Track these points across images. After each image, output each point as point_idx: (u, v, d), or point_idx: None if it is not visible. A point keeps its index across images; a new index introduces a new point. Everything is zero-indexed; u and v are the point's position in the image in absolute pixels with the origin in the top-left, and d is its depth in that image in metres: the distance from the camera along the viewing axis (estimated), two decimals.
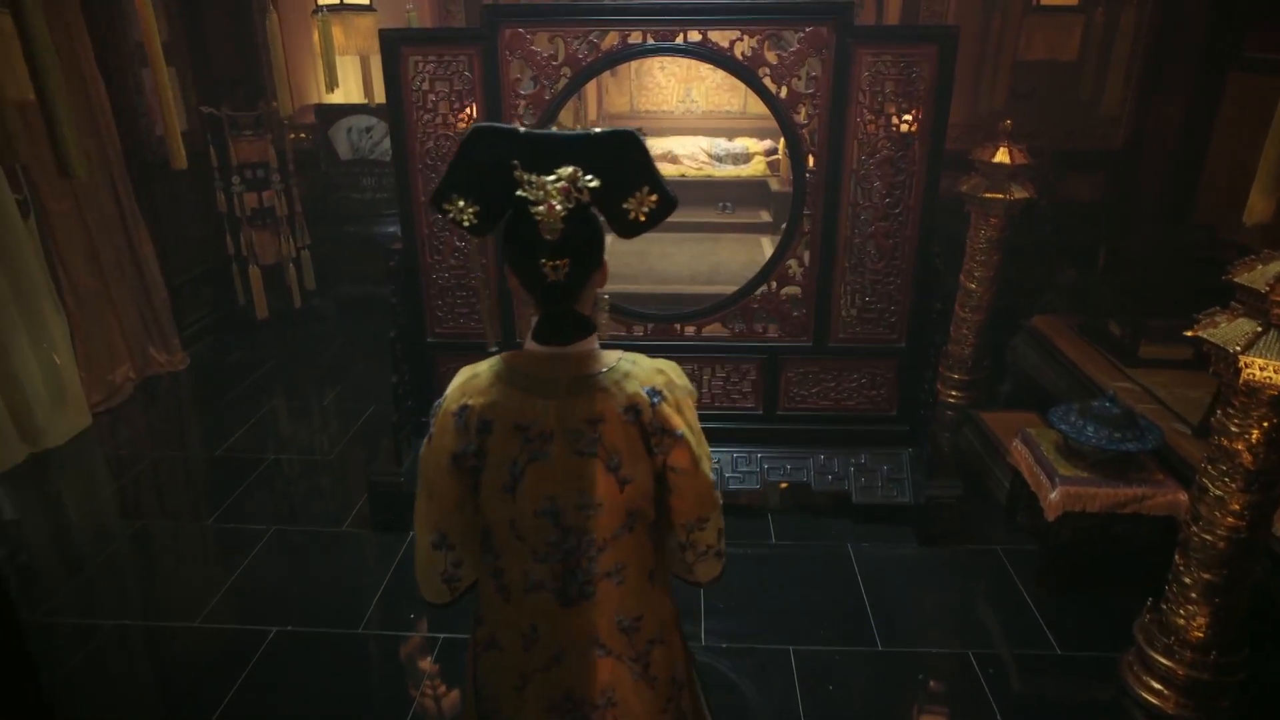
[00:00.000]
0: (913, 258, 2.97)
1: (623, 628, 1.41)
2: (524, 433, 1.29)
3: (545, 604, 1.36)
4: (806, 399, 3.21)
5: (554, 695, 1.41)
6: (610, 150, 1.25)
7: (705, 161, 7.72)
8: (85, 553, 3.12)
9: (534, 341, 1.32)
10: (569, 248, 1.21)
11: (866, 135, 2.82)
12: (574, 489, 1.31)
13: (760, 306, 3.08)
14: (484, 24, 2.75)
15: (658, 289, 5.78)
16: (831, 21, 2.69)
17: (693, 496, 1.40)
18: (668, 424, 1.31)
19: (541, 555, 1.34)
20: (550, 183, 1.18)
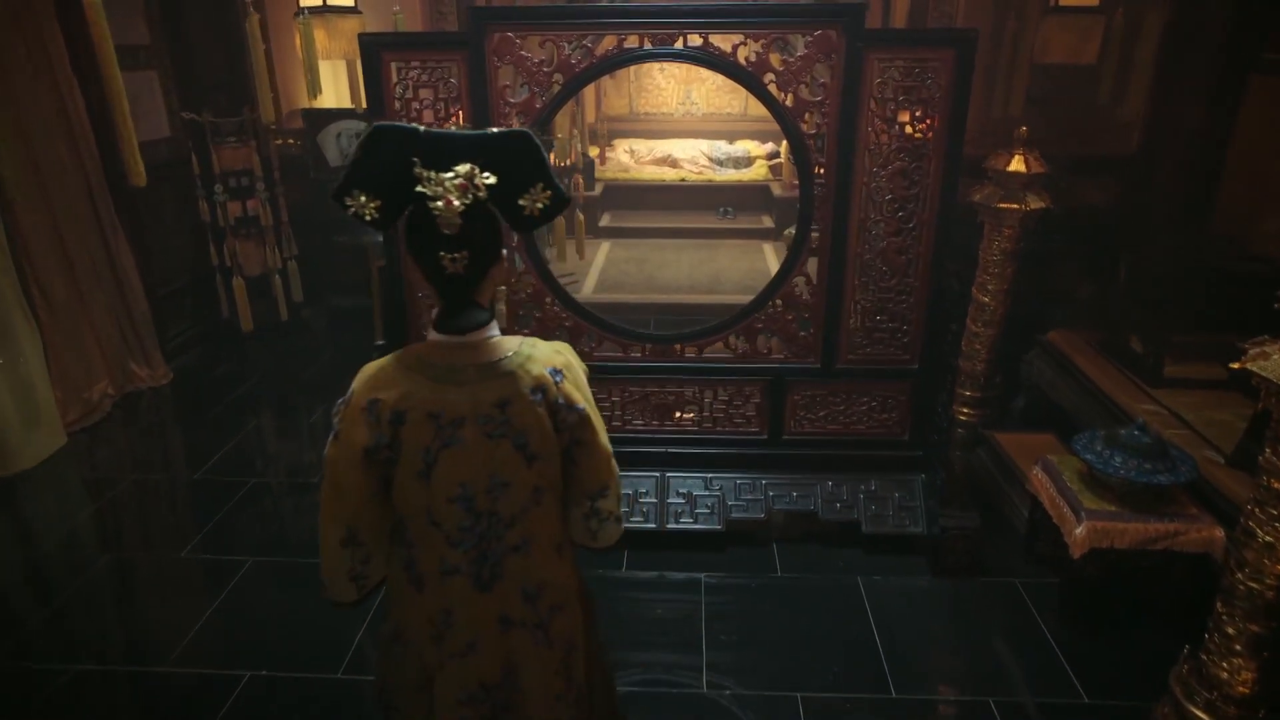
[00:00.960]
0: (927, 275, 2.80)
1: (527, 596, 1.47)
2: (436, 420, 1.34)
3: (461, 588, 1.42)
4: (813, 423, 3.04)
5: (469, 685, 1.46)
6: (507, 149, 1.32)
7: (706, 165, 7.55)
8: (51, 588, 2.95)
9: (437, 332, 1.37)
10: (467, 241, 1.29)
11: (878, 145, 2.65)
12: (485, 472, 1.38)
13: (765, 326, 2.91)
14: (470, 28, 2.58)
15: (656, 298, 5.62)
16: (841, 24, 2.52)
17: (594, 466, 1.49)
18: (571, 400, 1.41)
19: (455, 540, 1.40)
20: (449, 179, 1.25)
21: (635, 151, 7.78)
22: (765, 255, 6.62)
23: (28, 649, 2.63)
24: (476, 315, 1.37)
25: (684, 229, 7.03)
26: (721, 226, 7.07)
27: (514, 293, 2.89)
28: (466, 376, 1.36)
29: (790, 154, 2.67)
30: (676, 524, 3.02)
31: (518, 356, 1.40)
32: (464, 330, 1.36)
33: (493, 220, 1.35)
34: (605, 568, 2.97)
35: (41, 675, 2.50)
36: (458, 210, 1.26)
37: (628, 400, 3.05)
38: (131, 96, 4.42)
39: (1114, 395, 3.24)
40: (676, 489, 3.08)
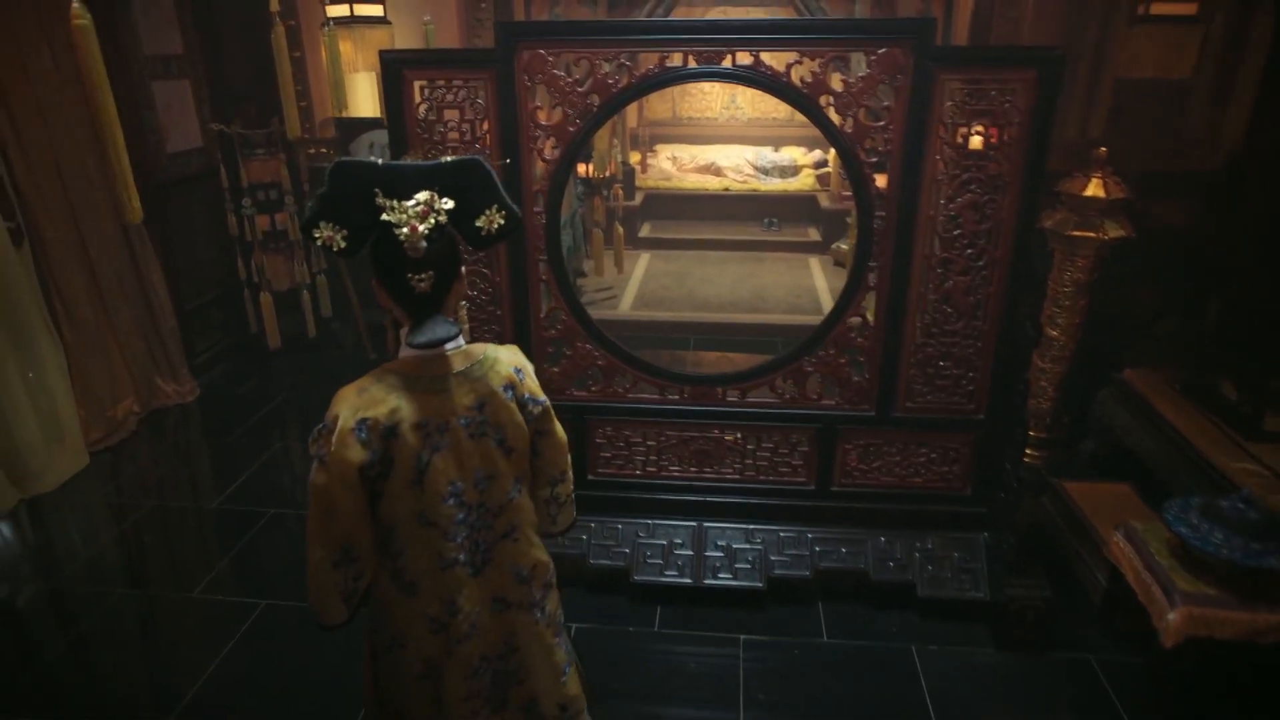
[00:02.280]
0: (997, 318, 2.53)
1: (521, 578, 1.62)
2: (424, 429, 1.45)
3: (460, 577, 1.54)
4: (866, 474, 2.79)
5: (473, 661, 1.58)
6: (460, 176, 1.45)
7: (750, 174, 7.28)
8: (51, 632, 2.83)
9: (412, 347, 1.46)
10: (431, 263, 1.40)
11: (947, 175, 2.39)
12: (472, 469, 1.51)
13: (815, 370, 2.66)
14: (499, 44, 2.37)
15: (697, 317, 5.38)
16: (909, 42, 2.25)
17: (555, 454, 1.66)
18: (535, 394, 1.58)
19: (452, 534, 1.51)
20: (411, 207, 1.38)
21: (678, 159, 7.54)
22: (811, 270, 6.33)
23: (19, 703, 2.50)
24: (447, 328, 1.46)
25: (727, 241, 6.78)
26: (766, 239, 6.80)
27: (544, 329, 2.68)
28: (445, 384, 1.48)
29: (850, 184, 2.41)
30: (714, 579, 2.78)
31: (486, 361, 1.53)
32: (439, 343, 1.45)
33: (453, 242, 1.47)
34: (637, 624, 2.76)
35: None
36: (422, 235, 1.37)
37: (664, 445, 2.82)
38: (163, 106, 4.37)
39: (1203, 448, 2.92)
40: (715, 541, 2.84)
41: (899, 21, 2.25)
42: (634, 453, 2.85)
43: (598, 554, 2.84)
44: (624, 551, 2.84)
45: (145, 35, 4.21)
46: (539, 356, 2.72)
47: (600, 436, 2.83)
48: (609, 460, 2.86)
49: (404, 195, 1.40)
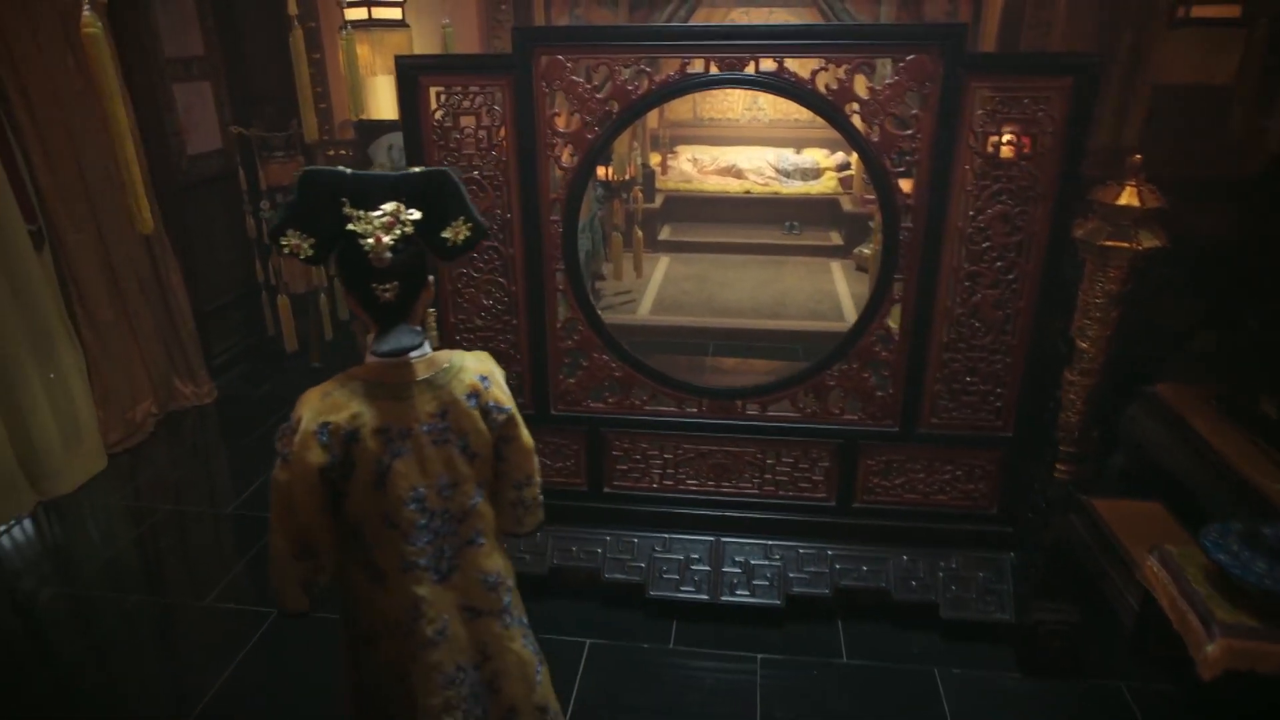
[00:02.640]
0: (1027, 333, 2.44)
1: (489, 585, 1.62)
2: (385, 434, 1.46)
3: (424, 581, 1.53)
4: (888, 491, 2.71)
5: (448, 668, 1.56)
6: (428, 187, 1.46)
7: (772, 176, 7.19)
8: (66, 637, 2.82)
9: (376, 355, 1.45)
10: (397, 273, 1.41)
11: (976, 186, 2.31)
12: (435, 475, 1.52)
13: (838, 384, 2.59)
14: (516, 50, 2.33)
15: (716, 322, 5.30)
16: (939, 48, 2.18)
17: (521, 459, 1.65)
18: (499, 402, 1.58)
19: (413, 538, 1.51)
20: (377, 218, 1.39)
21: (698, 161, 7.47)
22: (833, 275, 6.24)
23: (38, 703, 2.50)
24: (411, 337, 1.47)
25: (748, 244, 6.69)
26: (787, 243, 6.71)
27: (560, 339, 2.64)
28: (408, 392, 1.49)
29: (876, 195, 2.34)
30: (731, 596, 2.72)
31: (451, 369, 1.55)
32: (402, 351, 1.46)
33: (419, 252, 1.47)
34: (652, 640, 2.71)
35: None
36: (388, 246, 1.38)
37: (681, 459, 2.77)
38: (184, 108, 4.37)
39: (1241, 468, 2.82)
40: (732, 556, 2.78)
41: (929, 27, 2.18)
42: (651, 466, 2.79)
43: (613, 568, 2.79)
44: (639, 566, 2.79)
45: (166, 37, 4.22)
46: (555, 367, 2.68)
47: (617, 449, 2.78)
48: (625, 473, 2.81)
49: (371, 205, 1.41)
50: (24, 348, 3.43)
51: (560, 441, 2.79)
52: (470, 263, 2.57)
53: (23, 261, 3.42)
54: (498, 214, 2.50)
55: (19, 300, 3.41)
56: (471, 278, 2.59)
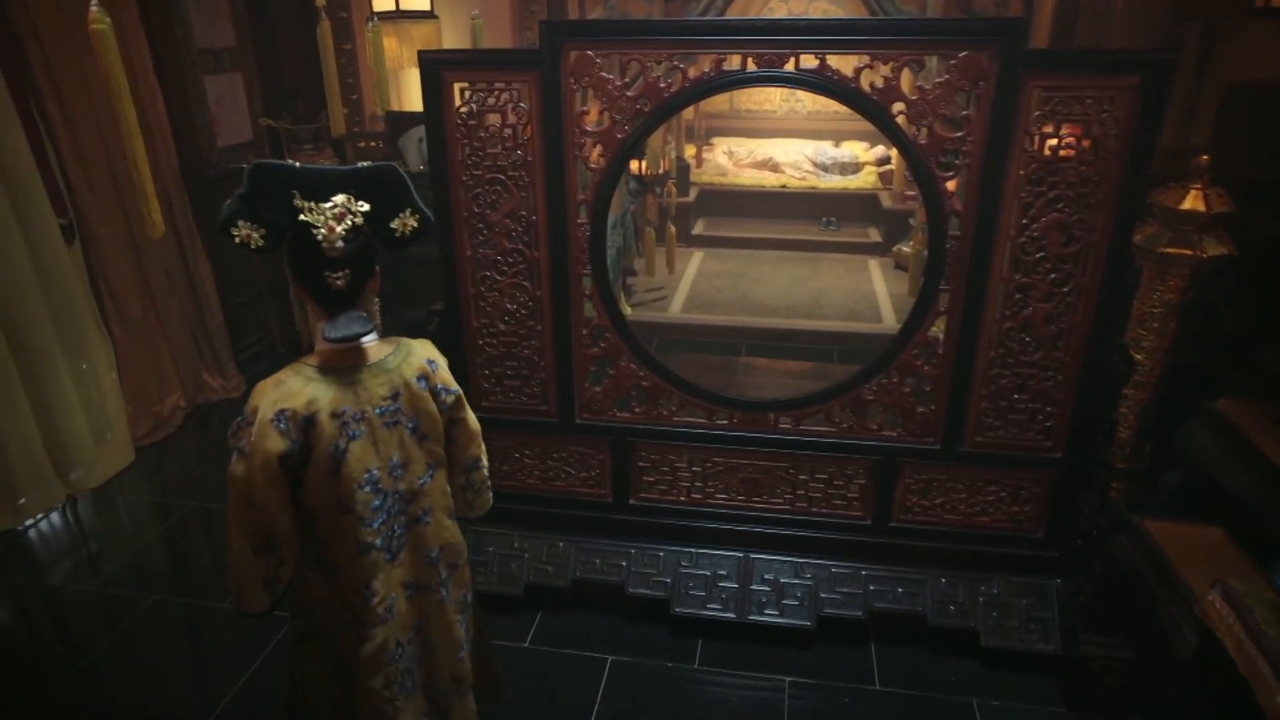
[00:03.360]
0: (1082, 349, 2.29)
1: (430, 560, 1.67)
2: (340, 418, 1.50)
3: (376, 562, 1.58)
4: (927, 510, 2.58)
5: (389, 646, 1.61)
6: (377, 181, 1.52)
7: (809, 170, 7.00)
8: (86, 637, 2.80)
9: (327, 342, 1.50)
10: (348, 262, 1.46)
11: (1030, 192, 2.16)
12: (387, 456, 1.57)
13: (876, 399, 2.46)
14: (544, 44, 2.22)
15: (750, 321, 5.16)
16: (994, 44, 2.03)
17: (468, 441, 1.74)
18: (447, 384, 1.65)
19: (368, 520, 1.55)
20: (328, 209, 1.44)
21: (734, 153, 7.31)
22: (871, 273, 6.06)
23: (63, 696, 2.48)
24: (362, 324, 1.51)
25: (783, 240, 6.53)
26: (824, 239, 6.53)
27: (586, 346, 2.54)
28: (360, 376, 1.54)
29: (922, 201, 2.20)
30: (760, 615, 2.62)
31: (400, 353, 1.60)
32: (354, 337, 1.49)
33: (368, 242, 1.53)
34: (676, 658, 2.62)
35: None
36: (339, 235, 1.44)
37: (709, 472, 2.66)
38: (215, 99, 4.34)
39: None
40: (762, 574, 2.68)
41: (984, 22, 2.03)
42: (678, 478, 2.69)
43: (637, 582, 2.70)
44: (665, 581, 2.69)
45: (197, 28, 4.19)
46: (580, 375, 2.58)
47: (643, 460, 2.68)
48: (651, 485, 2.71)
49: (321, 197, 1.46)
50: (55, 342, 3.43)
51: (585, 451, 2.70)
52: (494, 265, 2.48)
53: (53, 256, 3.41)
54: (523, 215, 2.41)
55: (50, 295, 3.41)
56: (495, 281, 2.50)
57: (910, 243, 5.72)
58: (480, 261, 2.49)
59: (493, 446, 2.76)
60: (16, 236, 3.21)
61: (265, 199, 1.46)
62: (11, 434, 3.28)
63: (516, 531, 2.81)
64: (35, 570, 3.17)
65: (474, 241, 2.46)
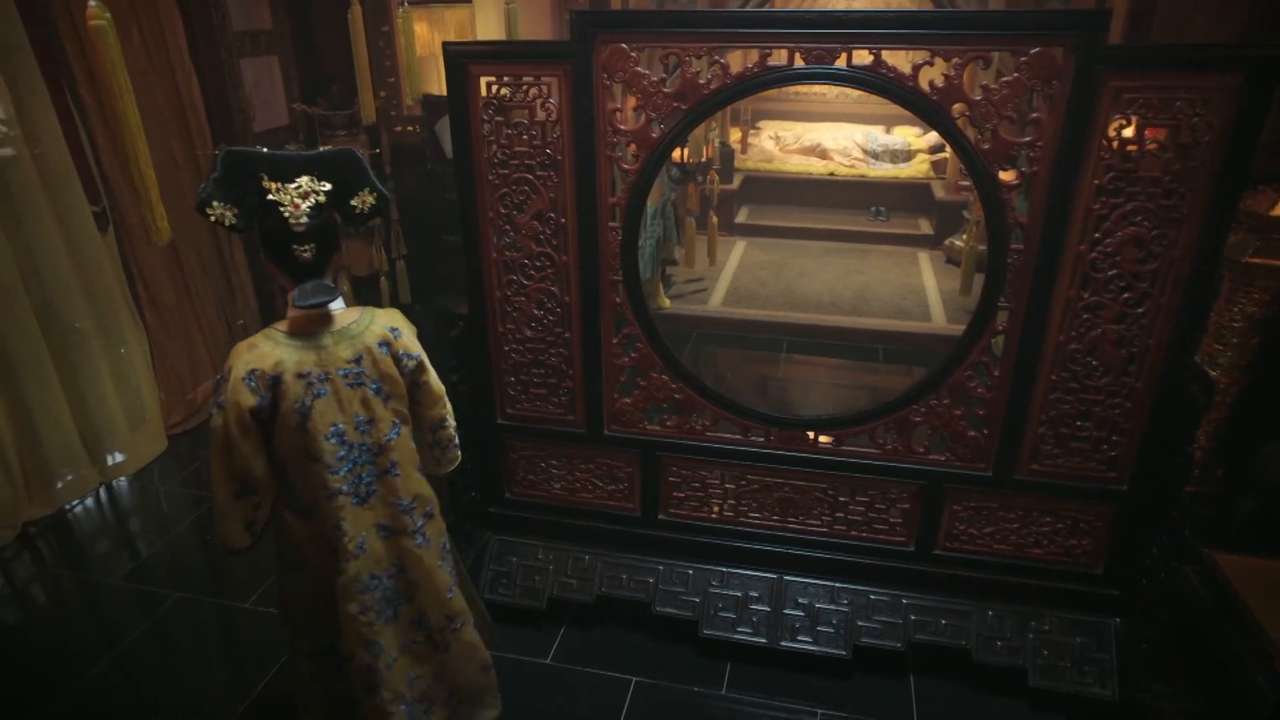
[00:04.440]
0: (1155, 375, 2.09)
1: (403, 509, 1.84)
2: (306, 378, 1.68)
3: (344, 505, 1.75)
4: (976, 539, 2.41)
5: (364, 576, 1.79)
6: (336, 163, 1.69)
7: (858, 158, 6.75)
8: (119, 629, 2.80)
9: (298, 307, 1.66)
10: (313, 236, 1.64)
11: (1105, 204, 1.96)
12: (352, 413, 1.74)
13: (924, 421, 2.29)
14: (575, 36, 2.07)
15: (792, 317, 4.98)
16: (1071, 40, 1.82)
17: (432, 402, 1.88)
18: (409, 349, 1.81)
19: (335, 469, 1.73)
20: (293, 189, 1.62)
21: (781, 138, 7.07)
22: (921, 267, 5.82)
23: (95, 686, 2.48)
24: (327, 292, 1.68)
25: (830, 230, 6.31)
26: (872, 230, 6.29)
27: (616, 356, 2.41)
28: (324, 341, 1.71)
29: (983, 210, 2.02)
30: (792, 641, 2.49)
31: (363, 321, 1.77)
32: (321, 304, 1.67)
33: (331, 219, 1.70)
34: (703, 683, 2.50)
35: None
36: (304, 212, 1.61)
37: (744, 490, 2.52)
38: (250, 83, 4.28)
39: None
40: (795, 598, 2.54)
41: (1060, 14, 1.83)
42: (710, 495, 2.56)
43: (664, 600, 2.59)
44: (693, 601, 2.57)
45: (234, 10, 4.12)
46: (610, 385, 2.46)
47: (674, 475, 2.56)
48: (682, 501, 2.59)
49: (287, 179, 1.63)
50: (90, 329, 3.43)
51: (613, 463, 2.58)
52: (521, 269, 2.37)
53: (88, 243, 3.39)
54: (551, 217, 2.28)
55: (84, 282, 3.39)
56: (522, 285, 2.38)
57: (964, 236, 5.46)
58: (507, 264, 2.37)
59: (518, 455, 2.67)
60: (51, 224, 3.20)
61: (237, 182, 1.63)
62: (46, 420, 3.29)
63: (541, 542, 2.72)
64: (69, 557, 3.18)
65: (500, 244, 2.34)
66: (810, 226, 6.35)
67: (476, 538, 2.74)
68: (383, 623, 1.84)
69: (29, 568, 3.12)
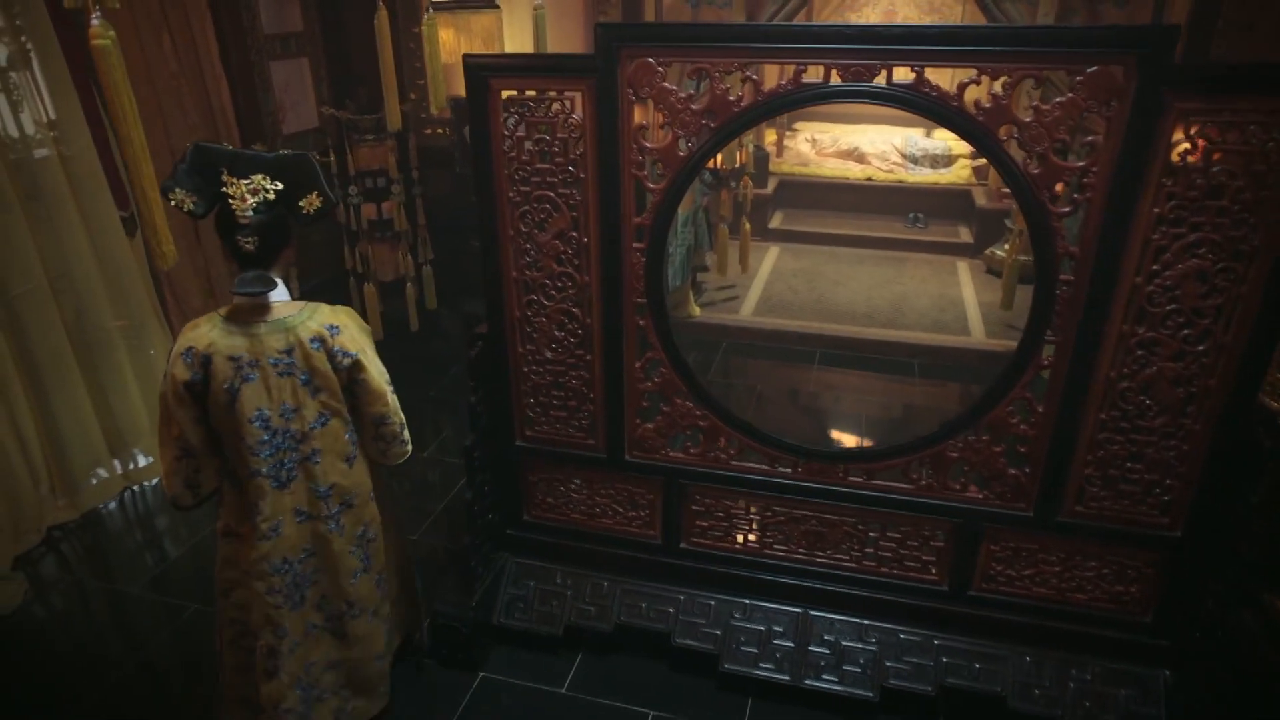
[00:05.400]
0: (1215, 417, 1.94)
1: (319, 495, 1.95)
2: (236, 362, 1.80)
3: (263, 486, 1.88)
4: (1014, 581, 2.29)
5: (275, 559, 1.91)
6: (291, 166, 1.85)
7: (897, 162, 6.57)
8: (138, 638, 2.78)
9: (237, 296, 1.82)
10: (257, 230, 1.78)
11: (1165, 234, 1.82)
12: (279, 401, 1.85)
13: (961, 457, 2.17)
14: (599, 49, 1.98)
15: (826, 329, 4.85)
16: (1134, 57, 1.69)
17: (370, 398, 1.96)
18: (345, 348, 1.90)
19: (256, 451, 1.84)
20: (245, 185, 1.78)
21: (817, 141, 6.92)
22: (960, 277, 5.64)
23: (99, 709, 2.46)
24: (263, 283, 1.78)
25: (866, 237, 6.15)
26: (910, 238, 6.11)
27: (639, 380, 2.32)
28: (259, 330, 1.82)
29: (1030, 238, 1.89)
30: (817, 680, 2.38)
31: (301, 315, 1.86)
32: (254, 293, 1.79)
33: (280, 216, 1.82)
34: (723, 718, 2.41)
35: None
36: (250, 206, 1.75)
37: (770, 521, 2.42)
38: (280, 85, 4.27)
39: None
40: (821, 634, 2.43)
41: (1122, 30, 1.69)
42: (735, 524, 2.47)
43: (684, 632, 2.49)
44: (714, 634, 2.48)
45: (266, 11, 4.11)
46: (632, 410, 2.37)
47: (697, 504, 2.46)
48: (705, 530, 2.50)
49: (244, 175, 1.77)
50: (115, 337, 3.43)
51: (634, 489, 2.50)
52: (542, 289, 2.29)
53: (116, 249, 3.39)
54: (573, 237, 2.20)
55: (111, 287, 3.40)
56: (542, 306, 2.31)
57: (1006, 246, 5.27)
58: (527, 284, 2.29)
59: (537, 477, 2.60)
60: (79, 229, 3.19)
61: (200, 172, 1.77)
62: (71, 424, 3.30)
63: (559, 566, 2.65)
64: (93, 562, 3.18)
65: (520, 262, 2.27)
66: (846, 233, 6.20)
67: (494, 560, 2.67)
68: (289, 607, 1.97)
69: (54, 572, 3.13)
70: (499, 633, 2.62)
